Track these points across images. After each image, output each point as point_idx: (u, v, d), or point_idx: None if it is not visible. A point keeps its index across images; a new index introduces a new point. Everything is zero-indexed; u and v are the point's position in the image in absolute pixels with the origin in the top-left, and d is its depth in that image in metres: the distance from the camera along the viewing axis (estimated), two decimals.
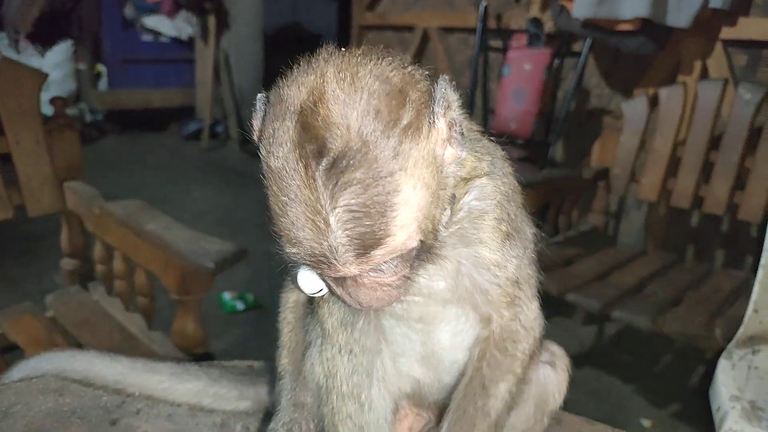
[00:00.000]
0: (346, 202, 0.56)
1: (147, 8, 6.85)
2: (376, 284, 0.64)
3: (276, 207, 0.60)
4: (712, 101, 2.78)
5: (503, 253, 0.78)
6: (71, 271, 2.28)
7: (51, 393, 1.01)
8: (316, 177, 0.57)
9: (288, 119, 0.59)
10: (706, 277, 2.69)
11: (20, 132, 2.05)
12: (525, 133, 3.47)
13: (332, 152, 0.56)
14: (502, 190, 0.78)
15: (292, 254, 0.61)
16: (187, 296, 1.71)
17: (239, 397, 1.03)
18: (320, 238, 0.58)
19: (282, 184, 0.59)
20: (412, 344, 0.86)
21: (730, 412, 1.42)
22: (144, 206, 1.98)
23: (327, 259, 0.60)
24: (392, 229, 0.59)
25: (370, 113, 0.58)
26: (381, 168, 0.57)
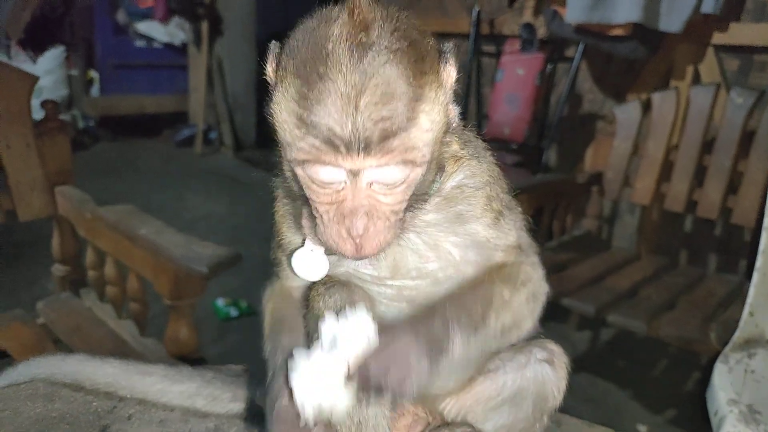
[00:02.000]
0: (380, 81, 0.63)
1: (140, 14, 6.83)
2: (375, 202, 0.68)
3: (301, 96, 0.65)
4: (704, 106, 2.79)
5: (499, 228, 0.82)
6: (62, 277, 2.25)
7: (40, 398, 0.99)
8: (358, 56, 0.63)
9: (331, 20, 0.67)
10: (699, 281, 2.70)
11: (10, 135, 2.03)
12: (518, 138, 3.48)
13: (375, 43, 0.64)
14: (489, 172, 0.84)
15: (309, 145, 0.65)
16: (179, 301, 1.69)
17: (233, 399, 1.02)
18: (348, 114, 0.63)
19: (318, 69, 0.64)
20: None
21: (727, 416, 1.41)
22: (136, 211, 1.96)
23: (347, 142, 0.63)
24: (411, 127, 0.65)
25: (411, 30, 0.68)
26: (414, 71, 0.65)
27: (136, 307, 1.90)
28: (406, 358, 0.69)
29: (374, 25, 0.66)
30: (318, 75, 0.64)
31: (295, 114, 0.66)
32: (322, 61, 0.64)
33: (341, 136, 0.63)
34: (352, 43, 0.64)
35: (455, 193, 0.81)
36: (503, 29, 3.92)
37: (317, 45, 0.65)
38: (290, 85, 0.67)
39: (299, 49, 0.67)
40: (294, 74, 0.66)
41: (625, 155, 2.99)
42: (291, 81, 0.67)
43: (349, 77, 0.63)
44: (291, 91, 0.66)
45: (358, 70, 0.63)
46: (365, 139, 0.63)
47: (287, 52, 0.70)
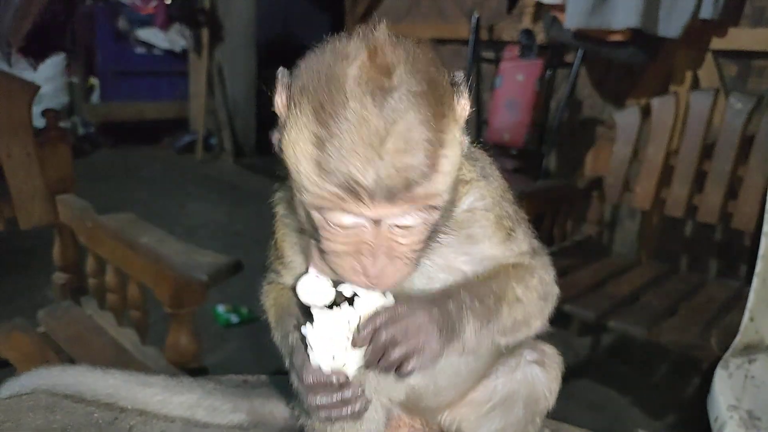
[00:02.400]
0: (403, 129, 0.62)
1: (140, 21, 6.86)
2: (394, 243, 0.67)
3: (319, 140, 0.63)
4: (703, 111, 2.80)
5: (510, 243, 0.83)
6: (63, 285, 2.26)
7: (41, 410, 1.00)
8: (381, 102, 0.62)
9: (349, 58, 0.64)
10: (700, 287, 2.70)
11: (11, 145, 2.04)
12: (518, 143, 3.49)
13: (397, 87, 0.63)
14: (498, 191, 0.84)
15: (329, 193, 0.64)
16: (180, 309, 1.69)
17: (233, 410, 1.02)
18: (371, 163, 0.61)
19: (337, 113, 0.62)
20: None
21: (728, 422, 1.41)
22: (136, 220, 1.97)
23: (370, 191, 0.62)
24: (433, 173, 0.64)
25: (430, 68, 0.67)
26: (435, 115, 0.64)
27: (137, 315, 1.91)
28: (417, 332, 0.69)
29: (397, 68, 0.64)
30: (338, 120, 0.62)
31: (313, 159, 0.64)
32: (342, 105, 0.62)
33: (364, 186, 0.62)
34: (374, 87, 0.62)
35: (467, 217, 0.80)
36: (502, 35, 3.94)
37: (336, 86, 0.63)
38: (305, 126, 0.65)
39: (315, 88, 0.65)
40: (310, 115, 0.64)
41: (625, 160, 2.99)
42: (307, 122, 0.65)
43: (371, 124, 0.61)
44: (307, 134, 0.64)
45: (381, 117, 0.61)
46: (388, 188, 0.62)
47: (301, 88, 0.67)
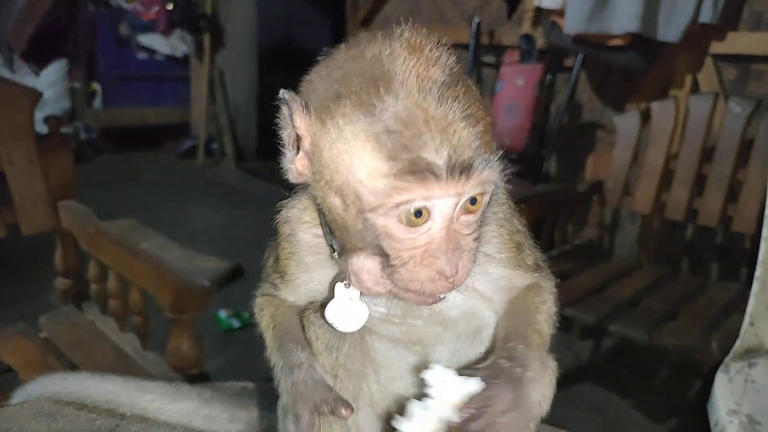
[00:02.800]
0: (461, 111, 0.65)
1: (142, 26, 6.89)
2: (461, 237, 0.69)
3: (381, 138, 0.64)
4: (703, 115, 2.80)
5: (521, 259, 0.85)
6: (65, 290, 2.27)
7: (44, 417, 1.01)
8: (435, 93, 0.65)
9: (393, 57, 0.67)
10: (700, 290, 2.70)
11: (13, 151, 2.05)
12: (518, 147, 3.50)
13: (444, 79, 0.66)
14: (507, 206, 0.86)
15: (405, 182, 0.64)
16: (181, 315, 1.70)
17: (231, 419, 1.03)
18: (443, 143, 0.64)
19: (397, 108, 0.64)
20: (408, 366, 0.86)
21: (727, 427, 1.42)
22: (138, 225, 1.98)
23: (449, 167, 0.64)
24: (488, 149, 0.68)
25: (456, 65, 0.70)
26: (477, 101, 0.69)
27: (138, 321, 1.91)
28: (507, 406, 0.70)
29: (438, 62, 0.68)
30: (397, 114, 0.64)
31: (380, 157, 0.64)
32: (397, 99, 0.64)
33: (442, 165, 0.64)
34: (425, 80, 0.66)
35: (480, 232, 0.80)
36: (503, 40, 3.95)
37: (385, 85, 0.65)
38: (360, 131, 0.65)
39: (358, 91, 0.66)
40: (362, 117, 0.65)
41: (625, 164, 3.00)
42: (359, 127, 0.65)
43: (432, 112, 0.64)
44: (361, 137, 0.65)
45: (438, 105, 0.65)
46: (462, 163, 0.65)
47: (335, 98, 0.68)
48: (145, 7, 6.81)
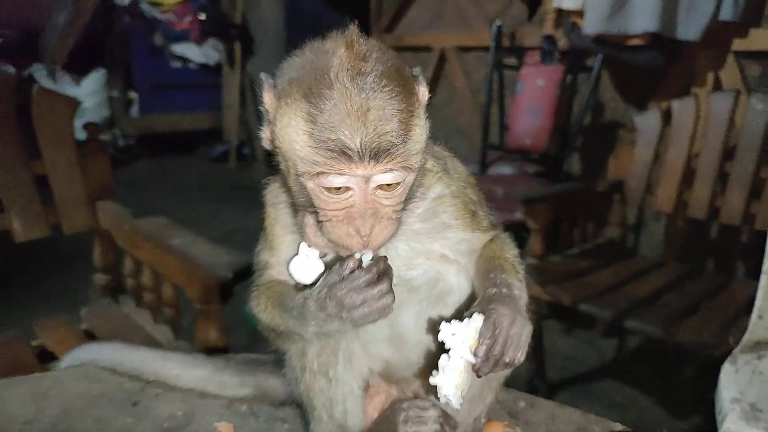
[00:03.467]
0: (381, 102, 0.75)
1: (175, 36, 7.13)
2: (379, 205, 0.79)
3: (312, 118, 0.75)
4: (724, 112, 2.80)
5: (475, 223, 0.95)
6: (103, 285, 2.41)
7: (82, 380, 1.14)
8: (361, 85, 0.74)
9: (329, 52, 0.77)
10: (723, 288, 2.69)
11: (56, 155, 2.19)
12: (539, 148, 3.53)
13: (372, 71, 0.75)
14: (460, 182, 0.96)
15: (324, 158, 0.75)
16: (208, 305, 1.81)
17: (240, 384, 1.14)
18: (358, 130, 0.74)
19: (326, 94, 0.75)
20: (380, 329, 0.96)
21: (729, 414, 1.45)
22: (169, 223, 2.10)
23: (359, 152, 0.74)
24: (407, 138, 0.77)
25: (394, 59, 0.80)
26: (404, 92, 0.77)
27: (170, 312, 2.03)
28: (519, 336, 0.80)
29: (370, 56, 0.77)
30: (327, 99, 0.74)
31: (308, 133, 0.75)
32: (328, 86, 0.75)
33: (354, 148, 0.74)
34: (354, 71, 0.75)
35: (436, 204, 0.92)
36: (524, 42, 3.99)
37: (321, 73, 0.75)
38: (298, 108, 0.76)
39: (303, 78, 0.77)
40: (302, 99, 0.76)
41: (646, 163, 3.01)
42: (299, 105, 0.76)
43: (355, 100, 0.74)
44: (300, 114, 0.76)
45: (362, 94, 0.74)
46: (373, 149, 0.75)
47: (287, 82, 0.80)
48: (179, 17, 7.05)
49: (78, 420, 1.03)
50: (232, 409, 1.11)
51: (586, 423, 1.12)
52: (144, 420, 1.05)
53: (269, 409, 1.11)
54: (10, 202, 2.09)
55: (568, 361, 3.25)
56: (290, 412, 1.11)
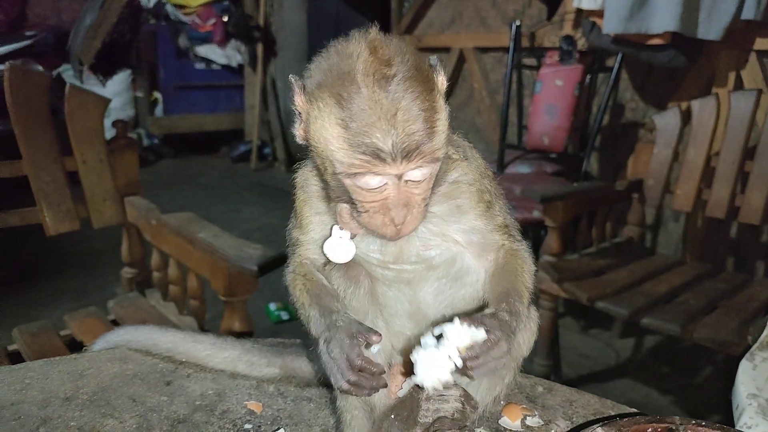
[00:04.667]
0: (406, 104, 0.80)
1: (199, 38, 7.25)
2: (411, 195, 0.85)
3: (345, 123, 0.81)
4: (745, 111, 2.79)
5: (490, 214, 0.99)
6: (130, 279, 2.49)
7: (117, 361, 1.20)
8: (387, 89, 0.80)
9: (353, 56, 0.82)
10: (742, 287, 2.68)
11: (86, 152, 2.27)
12: (558, 147, 3.54)
13: (395, 74, 0.80)
14: (478, 170, 1.00)
15: (360, 161, 0.81)
16: (233, 297, 1.87)
17: (268, 365, 1.19)
18: (388, 134, 0.79)
19: (357, 100, 0.80)
20: (402, 304, 1.01)
21: (747, 409, 1.46)
22: (195, 218, 2.16)
23: (392, 154, 0.80)
24: (433, 134, 0.82)
25: (414, 57, 0.84)
26: (426, 90, 0.82)
27: (196, 304, 2.10)
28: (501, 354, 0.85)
29: (393, 59, 0.82)
30: (357, 106, 0.79)
31: (342, 137, 0.81)
32: (356, 92, 0.80)
33: (387, 150, 0.80)
34: (379, 76, 0.80)
35: (453, 188, 0.97)
36: (543, 42, 4.01)
37: (350, 80, 0.80)
38: (331, 113, 0.82)
39: (332, 82, 0.82)
40: (333, 105, 0.81)
41: (666, 162, 3.01)
42: (331, 110, 0.82)
43: (384, 104, 0.79)
44: (333, 119, 0.81)
45: (389, 98, 0.79)
46: (404, 149, 0.80)
47: (316, 85, 0.85)
48: (202, 19, 7.17)
49: (114, 397, 1.09)
50: (261, 389, 1.16)
51: (603, 408, 1.14)
52: (177, 398, 1.11)
53: (296, 390, 1.16)
54: (42, 197, 2.17)
55: (584, 359, 3.26)
56: (316, 392, 1.16)
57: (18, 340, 2.01)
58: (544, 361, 2.82)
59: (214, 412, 1.07)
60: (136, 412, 1.05)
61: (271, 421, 1.06)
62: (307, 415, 1.09)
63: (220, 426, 1.03)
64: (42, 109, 2.16)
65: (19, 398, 1.07)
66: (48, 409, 1.04)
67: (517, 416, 1.08)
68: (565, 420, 1.10)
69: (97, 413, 1.04)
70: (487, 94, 4.68)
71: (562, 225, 2.79)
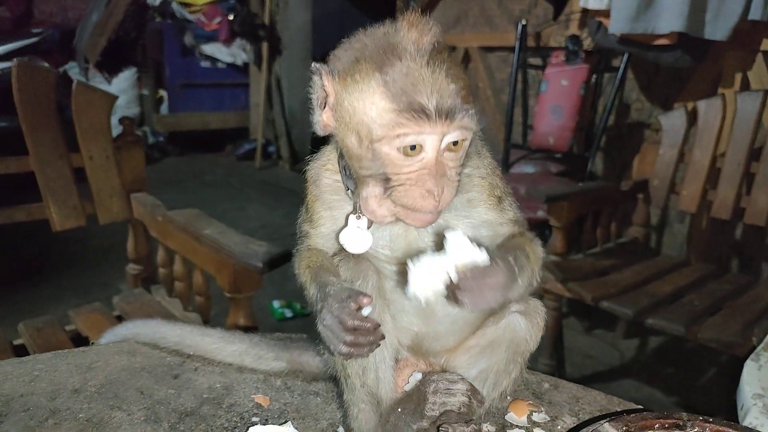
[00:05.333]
0: (446, 71, 0.84)
1: (205, 36, 7.27)
2: (446, 167, 0.87)
3: (387, 86, 0.84)
4: (751, 112, 2.78)
5: (501, 209, 1.00)
6: (135, 275, 2.50)
7: (125, 354, 1.21)
8: (427, 55, 0.84)
9: (395, 30, 0.87)
10: (747, 288, 2.68)
11: (92, 148, 2.29)
12: (562, 147, 3.54)
13: (433, 44, 0.85)
14: (489, 166, 1.02)
15: (405, 119, 0.83)
16: (238, 294, 1.88)
17: (275, 358, 1.19)
18: (432, 93, 0.83)
19: (401, 64, 0.84)
20: (410, 301, 0.99)
21: (751, 409, 1.46)
22: (201, 214, 2.17)
23: (437, 111, 0.83)
24: (467, 102, 0.86)
25: (443, 40, 0.87)
26: (456, 64, 0.87)
27: (201, 300, 2.11)
28: (497, 286, 0.85)
29: (429, 31, 0.86)
30: (401, 69, 0.83)
31: (388, 98, 0.83)
32: (399, 58, 0.84)
33: (431, 108, 0.82)
34: (420, 44, 0.84)
35: (465, 181, 0.97)
36: (549, 41, 4.00)
37: (392, 49, 0.84)
38: (373, 80, 0.84)
39: (373, 55, 0.86)
40: (376, 72, 0.84)
41: (671, 163, 3.01)
42: (373, 77, 0.84)
43: (425, 67, 0.83)
44: (373, 85, 0.84)
45: (430, 62, 0.83)
46: (446, 108, 0.83)
47: (355, 61, 0.88)
48: (208, 18, 7.19)
49: (122, 390, 1.10)
50: (268, 383, 1.16)
51: (609, 405, 1.14)
52: (185, 391, 1.11)
53: (303, 384, 1.17)
54: (49, 193, 2.18)
55: (588, 360, 3.25)
56: (323, 386, 1.16)
57: (24, 334, 2.02)
58: (548, 361, 2.82)
59: (222, 406, 1.08)
60: (143, 405, 1.06)
61: (279, 414, 1.07)
62: (314, 409, 1.09)
63: (227, 419, 1.04)
64: (49, 106, 2.17)
65: (28, 390, 1.08)
66: (57, 401, 1.05)
67: (523, 412, 1.08)
68: (572, 416, 1.10)
69: (105, 405, 1.05)
70: (492, 93, 4.68)
71: (566, 225, 2.79)
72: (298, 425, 1.03)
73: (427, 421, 0.92)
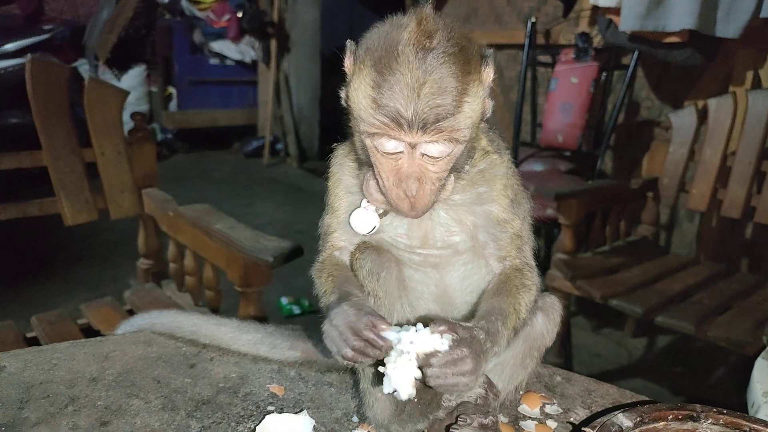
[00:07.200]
0: (437, 78, 0.82)
1: (214, 34, 7.29)
2: (425, 170, 0.87)
3: (376, 84, 0.84)
4: (763, 111, 2.77)
5: (510, 212, 0.99)
6: (146, 270, 2.51)
7: (141, 344, 1.23)
8: (422, 57, 0.82)
9: (402, 26, 0.85)
10: (756, 287, 2.67)
11: (104, 144, 2.30)
12: (572, 145, 3.54)
13: (435, 47, 0.82)
14: (507, 167, 1.01)
15: (380, 122, 0.84)
16: (249, 288, 1.89)
17: (290, 348, 1.21)
18: (411, 101, 0.81)
19: (390, 64, 0.83)
20: (428, 288, 1.02)
21: (762, 407, 1.46)
22: (211, 209, 2.18)
23: (409, 121, 0.82)
24: (457, 113, 0.84)
25: (462, 38, 0.86)
26: (462, 71, 0.83)
27: (211, 295, 2.12)
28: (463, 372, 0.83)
29: (436, 33, 0.84)
30: (390, 69, 0.82)
31: (371, 97, 0.84)
32: (394, 59, 0.82)
33: (405, 117, 0.82)
34: (419, 47, 0.82)
35: (478, 177, 0.98)
36: (559, 39, 4.00)
37: (391, 46, 0.84)
38: (367, 75, 0.85)
39: (376, 48, 0.86)
40: (371, 67, 0.85)
41: (681, 161, 3.00)
42: (368, 72, 0.85)
43: (414, 73, 0.81)
44: (368, 80, 0.85)
45: (421, 68, 0.81)
46: (422, 120, 0.82)
47: (364, 50, 0.88)
48: (217, 15, 7.21)
49: (139, 379, 1.11)
50: (282, 373, 1.18)
51: (621, 398, 1.15)
52: (201, 380, 1.13)
53: (316, 375, 1.18)
54: (61, 188, 2.20)
55: (596, 358, 3.25)
56: (336, 377, 1.17)
57: (36, 328, 2.04)
58: (555, 359, 2.82)
59: (237, 394, 1.09)
60: (160, 393, 1.07)
61: (294, 403, 1.08)
62: (328, 399, 1.11)
63: (243, 407, 1.05)
64: (61, 101, 2.19)
65: (47, 377, 1.09)
66: (75, 389, 1.07)
67: (535, 404, 1.09)
68: (584, 408, 1.10)
69: (122, 393, 1.06)
70: (501, 91, 4.67)
71: (575, 223, 2.79)
72: (313, 414, 1.04)
73: (443, 412, 0.93)
